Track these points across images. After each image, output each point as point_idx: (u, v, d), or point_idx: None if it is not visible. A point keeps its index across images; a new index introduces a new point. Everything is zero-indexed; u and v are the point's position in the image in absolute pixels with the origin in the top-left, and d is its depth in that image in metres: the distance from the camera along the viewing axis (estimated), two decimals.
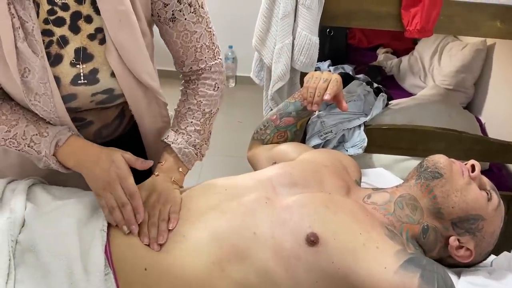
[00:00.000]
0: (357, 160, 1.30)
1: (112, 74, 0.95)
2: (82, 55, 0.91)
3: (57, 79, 0.90)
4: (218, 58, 1.04)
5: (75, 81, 0.93)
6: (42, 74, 0.87)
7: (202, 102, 1.03)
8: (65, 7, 0.87)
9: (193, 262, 0.85)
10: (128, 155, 0.94)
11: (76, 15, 0.89)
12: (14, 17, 0.81)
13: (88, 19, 0.90)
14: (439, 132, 1.63)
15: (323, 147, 1.55)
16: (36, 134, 0.91)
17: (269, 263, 0.85)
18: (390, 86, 2.51)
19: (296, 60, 1.44)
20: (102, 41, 0.92)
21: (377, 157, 1.82)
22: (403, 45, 2.99)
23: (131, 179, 0.91)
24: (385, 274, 0.82)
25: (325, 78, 1.19)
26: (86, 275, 0.81)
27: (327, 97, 1.16)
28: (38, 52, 0.85)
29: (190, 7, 0.95)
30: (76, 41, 0.90)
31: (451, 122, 1.77)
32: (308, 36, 1.39)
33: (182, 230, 0.90)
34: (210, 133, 1.08)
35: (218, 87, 1.05)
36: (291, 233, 0.86)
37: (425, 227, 0.98)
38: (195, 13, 0.96)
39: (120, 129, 1.14)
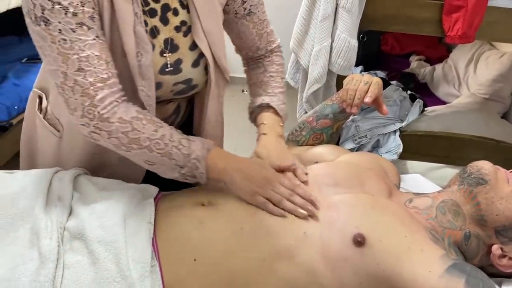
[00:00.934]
0: None
1: (193, 65, 1.01)
2: (170, 46, 0.97)
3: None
4: (277, 39, 1.20)
5: (163, 69, 0.98)
6: (151, 55, 0.92)
7: (279, 70, 1.18)
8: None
9: (244, 257, 0.85)
10: (274, 161, 1.00)
11: (166, 8, 0.95)
12: (134, 2, 0.88)
13: (175, 12, 0.97)
14: (477, 141, 1.60)
15: (356, 151, 1.54)
16: (183, 138, 0.92)
17: (316, 264, 0.84)
18: (423, 94, 2.46)
19: (334, 62, 1.43)
20: (186, 33, 0.99)
21: (411, 164, 1.79)
22: (437, 53, 2.94)
23: (284, 177, 0.96)
24: (430, 278, 0.81)
25: (366, 81, 1.18)
26: (132, 266, 0.81)
27: (367, 99, 1.14)
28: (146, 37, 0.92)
29: None
30: (165, 32, 0.96)
31: (489, 131, 1.73)
32: (347, 39, 1.39)
33: (241, 222, 0.90)
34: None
35: (283, 59, 1.22)
36: (338, 233, 0.86)
37: (467, 233, 0.96)
38: (262, 4, 1.10)
39: (174, 124, 1.17)
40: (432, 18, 1.42)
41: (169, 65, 0.98)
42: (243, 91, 3.43)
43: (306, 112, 1.50)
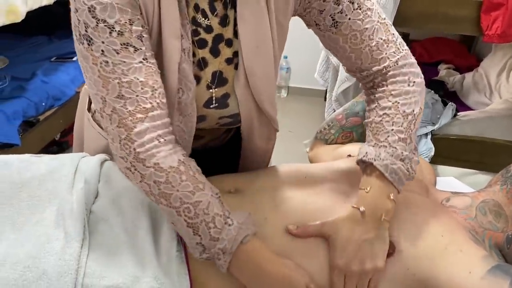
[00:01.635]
0: None
1: None
2: (218, 79, 0.87)
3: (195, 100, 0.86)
4: (402, 50, 0.87)
5: (207, 104, 0.88)
6: (193, 93, 0.83)
7: (399, 103, 0.84)
8: (208, 30, 0.83)
9: (270, 244, 0.81)
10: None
11: (218, 38, 0.84)
12: (183, 38, 0.79)
13: (229, 43, 0.85)
14: (511, 146, 1.54)
15: None
16: (220, 216, 0.75)
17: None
18: (452, 102, 2.42)
19: None
20: (237, 66, 0.87)
21: (443, 169, 1.73)
22: (466, 62, 2.88)
23: None
24: (469, 279, 0.76)
25: None
26: (157, 250, 0.79)
27: None
28: (191, 72, 0.82)
29: (353, 4, 0.83)
30: (214, 65, 0.86)
31: None
32: None
33: (266, 212, 0.86)
34: (417, 144, 0.90)
35: (414, 82, 0.85)
36: None
37: (510, 236, 0.90)
38: (360, 9, 0.83)
39: (225, 141, 1.11)
40: (469, 16, 1.38)
41: (214, 101, 0.88)
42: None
43: (334, 111, 1.46)
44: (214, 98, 0.88)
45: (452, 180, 1.33)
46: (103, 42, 0.73)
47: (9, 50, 2.51)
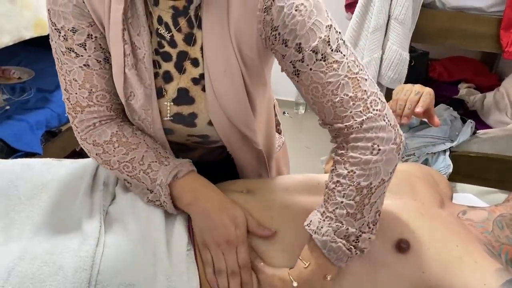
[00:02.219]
0: None
1: (210, 123, 0.88)
2: (182, 96, 0.86)
3: (160, 111, 0.87)
4: (372, 110, 0.75)
5: (174, 118, 0.89)
6: (144, 102, 0.85)
7: (355, 173, 0.75)
8: (172, 44, 0.83)
9: (268, 243, 0.83)
10: (251, 218, 0.84)
11: (182, 55, 0.83)
12: (126, 43, 0.80)
13: (195, 63, 0.84)
14: None
15: None
16: (155, 162, 0.85)
17: (353, 263, 0.80)
18: (477, 124, 2.39)
19: (384, 75, 1.40)
20: (204, 88, 0.85)
21: (462, 187, 1.71)
22: (487, 81, 2.85)
23: (247, 246, 0.81)
24: None
25: (417, 91, 1.14)
26: (168, 249, 0.80)
27: (418, 109, 1.10)
28: (146, 79, 0.83)
29: (316, 54, 0.74)
30: (179, 81, 0.85)
31: None
32: (399, 51, 1.36)
33: (273, 211, 0.87)
34: (378, 213, 0.79)
35: (379, 149, 0.74)
36: (381, 237, 0.81)
37: None
38: (324, 60, 0.75)
39: (222, 155, 1.08)
40: (489, 33, 1.38)
41: (168, 115, 0.88)
42: (284, 113, 3.43)
43: None
44: (173, 114, 0.88)
45: (471, 197, 1.31)
46: (55, 42, 0.84)
47: (35, 63, 2.58)
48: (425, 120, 1.60)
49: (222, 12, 0.77)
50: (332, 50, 0.75)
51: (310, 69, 0.75)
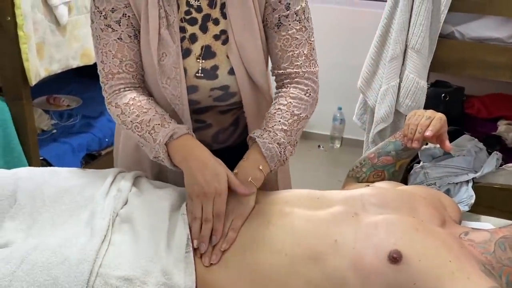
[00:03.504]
0: (463, 220, 1.20)
1: (229, 72, 1.06)
2: (206, 52, 1.04)
3: (185, 70, 1.04)
4: (313, 67, 1.07)
5: (201, 74, 1.05)
6: (176, 59, 1.02)
7: (292, 104, 1.04)
8: (199, 10, 1.03)
9: (266, 250, 0.87)
10: (232, 176, 0.96)
11: (207, 17, 1.04)
12: (161, 8, 0.99)
13: (216, 22, 1.04)
14: None
15: None
16: (159, 124, 0.99)
17: (346, 273, 0.82)
18: (510, 159, 2.32)
19: (402, 103, 1.42)
20: (224, 42, 1.04)
21: (485, 219, 1.66)
22: None
23: (224, 199, 0.93)
24: None
25: (428, 116, 1.16)
26: (168, 249, 0.86)
27: (428, 133, 1.12)
28: (175, 40, 1.01)
29: (296, 15, 1.03)
30: (203, 40, 1.04)
31: None
32: (416, 79, 1.39)
33: (270, 216, 0.92)
34: (296, 142, 1.06)
35: (310, 94, 1.06)
36: (374, 247, 0.83)
37: None
38: (299, 22, 1.04)
39: (235, 135, 1.23)
40: (509, 63, 1.38)
41: (200, 71, 1.05)
42: (319, 146, 3.46)
43: None
44: (202, 69, 1.05)
45: (490, 226, 1.28)
46: (96, 22, 1.02)
47: (83, 92, 2.79)
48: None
49: None
50: (304, 18, 1.05)
51: (289, 24, 1.04)
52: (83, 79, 2.97)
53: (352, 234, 0.87)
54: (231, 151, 1.14)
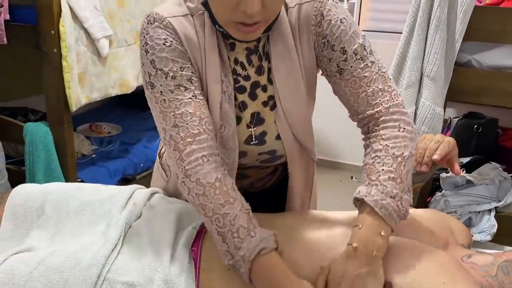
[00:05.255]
0: (485, 249, 1.18)
1: (277, 137, 1.03)
2: (256, 119, 1.02)
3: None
4: (396, 99, 0.96)
5: (248, 141, 1.03)
6: (234, 129, 0.99)
7: (389, 146, 0.91)
8: (247, 78, 1.00)
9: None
10: None
11: (255, 85, 1.01)
12: (223, 82, 0.96)
13: (264, 88, 1.01)
14: None
15: None
16: (245, 228, 0.86)
17: None
18: None
19: (418, 129, 1.44)
20: (272, 107, 1.02)
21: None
22: None
23: None
24: None
25: (437, 140, 1.17)
26: (172, 260, 0.91)
27: (436, 156, 1.13)
28: (233, 111, 0.99)
29: (356, 55, 0.95)
30: (252, 107, 1.01)
31: None
32: (432, 106, 1.40)
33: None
34: (410, 187, 0.91)
35: (404, 128, 0.93)
36: None
37: None
38: (362, 60, 0.95)
39: (270, 183, 1.21)
40: None
41: (253, 138, 1.02)
42: (352, 177, 3.44)
43: None
44: (253, 136, 1.02)
45: None
46: (161, 85, 0.93)
47: (123, 120, 2.96)
48: (470, 178, 1.58)
49: (289, 39, 0.97)
50: (367, 53, 0.96)
51: (351, 66, 0.96)
52: (124, 108, 3.16)
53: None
54: (265, 192, 1.18)
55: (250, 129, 1.02)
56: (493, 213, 1.48)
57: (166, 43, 0.92)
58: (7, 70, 2.39)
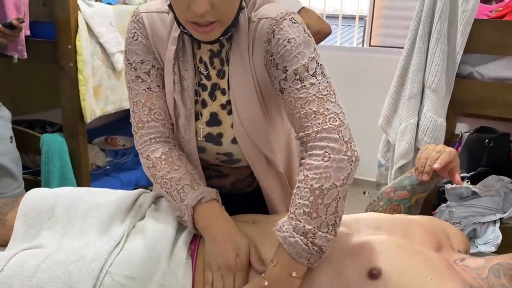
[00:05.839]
0: None
1: (233, 141, 1.07)
2: (213, 119, 1.07)
3: (196, 131, 1.08)
4: (330, 123, 0.89)
5: (206, 138, 1.09)
6: (184, 121, 1.06)
7: (308, 177, 0.87)
8: (208, 78, 1.06)
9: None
10: (254, 251, 0.95)
11: (215, 86, 1.06)
12: (175, 74, 1.03)
13: (223, 92, 1.06)
14: None
15: None
16: (188, 185, 1.00)
17: (322, 279, 0.87)
18: None
19: (421, 140, 1.46)
20: (229, 112, 1.06)
21: None
22: None
23: (245, 274, 0.93)
24: None
25: (438, 150, 1.19)
26: (172, 256, 0.96)
27: (436, 165, 1.15)
28: (187, 104, 1.05)
29: (295, 75, 0.94)
30: (212, 106, 1.07)
31: None
32: (434, 117, 1.43)
33: (268, 234, 0.97)
34: (337, 219, 0.87)
35: (330, 157, 0.86)
36: (357, 262, 0.87)
37: None
38: (300, 81, 0.93)
39: (253, 186, 1.25)
40: None
41: (202, 135, 1.07)
42: (364, 193, 3.44)
43: None
44: (205, 134, 1.08)
45: None
46: (127, 74, 1.07)
47: None
48: (475, 190, 1.59)
49: (245, 51, 1.00)
50: (308, 74, 0.93)
51: (289, 86, 0.94)
52: None
53: (338, 251, 0.92)
54: (248, 196, 1.22)
55: (204, 127, 1.08)
56: (498, 225, 1.48)
57: (133, 37, 1.04)
58: (27, 84, 2.50)
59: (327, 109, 0.91)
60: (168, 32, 1.03)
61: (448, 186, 1.61)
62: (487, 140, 2.60)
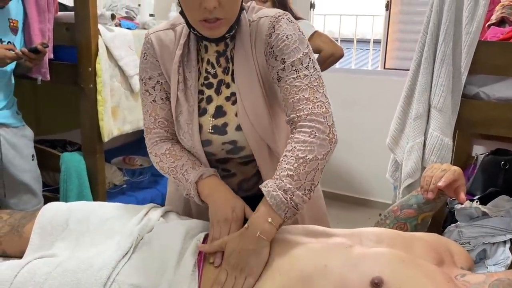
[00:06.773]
0: None
1: (237, 128, 1.18)
2: (218, 111, 1.19)
3: (201, 126, 1.19)
4: (318, 109, 1.06)
5: (211, 130, 1.19)
6: (187, 116, 1.18)
7: (296, 148, 1.03)
8: (215, 76, 1.19)
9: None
10: (248, 209, 1.09)
11: (221, 82, 1.19)
12: (180, 75, 1.17)
13: (227, 86, 1.19)
14: None
15: None
16: (190, 167, 1.16)
17: None
18: None
19: (427, 159, 1.47)
20: (234, 103, 1.18)
21: None
22: None
23: (239, 226, 1.06)
24: None
25: (443, 168, 1.21)
26: (177, 266, 0.99)
27: (441, 183, 1.16)
28: (190, 101, 1.17)
29: (292, 66, 1.09)
30: (217, 101, 1.19)
31: None
32: (440, 137, 1.44)
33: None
34: (313, 186, 1.03)
35: (316, 135, 1.03)
36: (359, 274, 0.89)
37: None
38: (296, 71, 1.09)
39: (257, 186, 1.28)
40: None
41: (211, 128, 1.18)
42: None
43: None
44: (216, 126, 1.19)
45: None
46: (140, 88, 1.24)
47: None
48: (485, 210, 1.58)
49: (247, 46, 1.14)
50: (302, 67, 1.10)
51: (286, 75, 1.10)
52: None
53: (341, 262, 0.94)
54: (253, 199, 1.23)
55: (212, 119, 1.19)
56: (508, 245, 1.46)
57: (144, 56, 1.21)
58: (50, 105, 2.60)
59: (316, 97, 1.08)
60: (175, 43, 1.18)
61: (458, 206, 1.60)
62: (503, 162, 2.58)
